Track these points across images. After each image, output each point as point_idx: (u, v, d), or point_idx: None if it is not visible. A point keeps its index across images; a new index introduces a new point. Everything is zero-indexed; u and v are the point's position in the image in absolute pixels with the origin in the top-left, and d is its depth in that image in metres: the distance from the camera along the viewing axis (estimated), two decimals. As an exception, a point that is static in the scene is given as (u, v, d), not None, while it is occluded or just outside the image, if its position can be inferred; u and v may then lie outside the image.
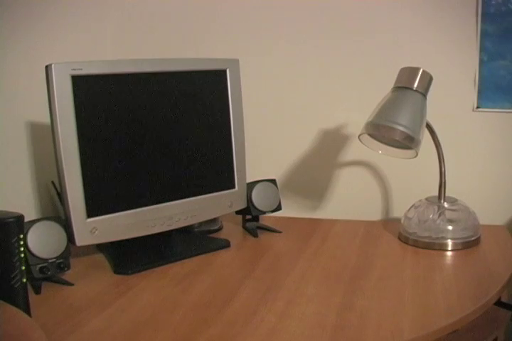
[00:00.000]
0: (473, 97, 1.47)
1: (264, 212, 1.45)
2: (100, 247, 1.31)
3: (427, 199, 1.38)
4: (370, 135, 1.30)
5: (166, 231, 1.27)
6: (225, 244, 1.35)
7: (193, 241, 1.38)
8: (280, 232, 1.46)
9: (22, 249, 0.93)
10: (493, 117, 1.47)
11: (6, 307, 0.85)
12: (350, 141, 1.57)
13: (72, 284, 1.14)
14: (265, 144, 1.62)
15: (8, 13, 1.27)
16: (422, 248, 1.32)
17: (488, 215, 1.44)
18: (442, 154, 1.34)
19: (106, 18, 1.60)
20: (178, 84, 1.28)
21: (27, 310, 0.94)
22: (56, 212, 1.38)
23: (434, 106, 1.30)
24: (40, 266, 1.10)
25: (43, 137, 1.32)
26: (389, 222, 1.54)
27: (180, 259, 1.27)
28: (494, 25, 1.41)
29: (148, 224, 1.23)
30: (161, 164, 1.26)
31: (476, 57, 1.44)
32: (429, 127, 1.31)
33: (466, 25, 1.43)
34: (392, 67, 1.31)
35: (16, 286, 0.92)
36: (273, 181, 1.48)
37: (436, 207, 1.35)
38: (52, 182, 1.29)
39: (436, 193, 1.36)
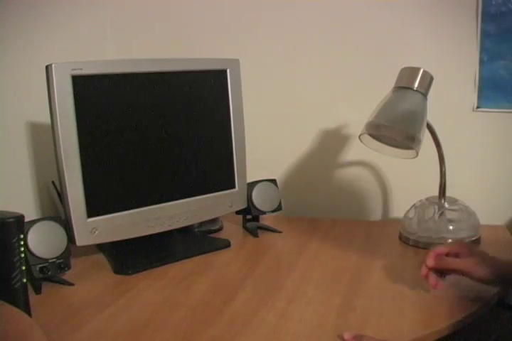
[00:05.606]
0: (473, 97, 1.47)
1: (265, 212, 1.45)
2: (100, 247, 1.31)
3: (427, 199, 1.38)
4: (370, 135, 1.30)
5: (166, 231, 1.27)
6: (226, 244, 1.35)
7: (193, 241, 1.38)
8: (280, 232, 1.46)
9: (22, 249, 0.93)
10: (493, 117, 1.47)
11: (6, 307, 0.85)
12: (350, 141, 1.57)
13: (72, 284, 1.14)
14: (265, 144, 1.62)
15: (8, 12, 1.27)
16: (423, 248, 1.31)
17: (488, 215, 1.44)
18: (442, 154, 1.34)
19: (106, 18, 1.59)
20: (178, 84, 1.28)
21: (27, 310, 0.94)
22: (56, 212, 1.37)
23: (434, 106, 1.30)
24: (41, 266, 1.09)
25: (43, 137, 1.32)
26: (389, 222, 1.54)
27: (180, 259, 1.27)
28: (494, 25, 1.41)
29: (149, 224, 1.23)
30: (161, 164, 1.26)
31: (476, 57, 1.44)
32: (429, 127, 1.31)
33: (466, 25, 1.43)
34: (392, 67, 1.31)
35: (16, 286, 0.92)
36: (273, 181, 1.47)
37: (436, 207, 1.34)
38: (53, 182, 1.29)
39: (436, 193, 1.36)
